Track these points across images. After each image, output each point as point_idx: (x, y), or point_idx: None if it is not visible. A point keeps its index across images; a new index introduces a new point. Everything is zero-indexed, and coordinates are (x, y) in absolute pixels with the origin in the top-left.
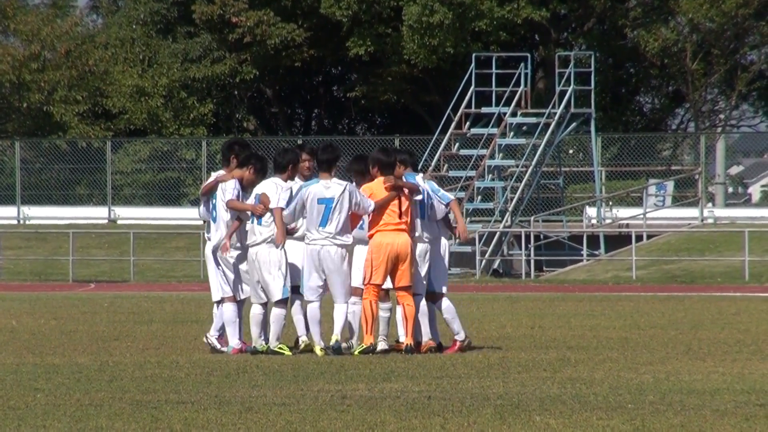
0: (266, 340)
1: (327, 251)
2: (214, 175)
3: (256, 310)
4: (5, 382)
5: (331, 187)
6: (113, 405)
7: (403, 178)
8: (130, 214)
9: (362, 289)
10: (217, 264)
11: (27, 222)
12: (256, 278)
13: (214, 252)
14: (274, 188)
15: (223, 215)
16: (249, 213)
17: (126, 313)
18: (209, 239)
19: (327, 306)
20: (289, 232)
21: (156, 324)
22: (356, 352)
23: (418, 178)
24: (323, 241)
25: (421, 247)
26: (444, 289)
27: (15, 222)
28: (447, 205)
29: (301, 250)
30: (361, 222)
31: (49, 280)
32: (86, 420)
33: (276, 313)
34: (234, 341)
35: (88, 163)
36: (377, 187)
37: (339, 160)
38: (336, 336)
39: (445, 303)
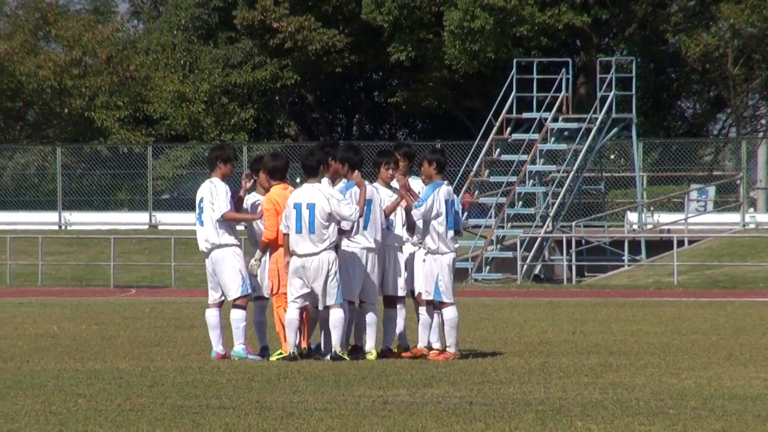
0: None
1: (370, 253)
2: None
3: (292, 315)
4: (47, 388)
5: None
6: (154, 410)
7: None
8: (171, 220)
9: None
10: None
11: (68, 227)
12: (304, 286)
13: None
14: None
15: (211, 216)
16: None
17: (167, 318)
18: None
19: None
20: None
21: (197, 329)
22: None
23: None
24: (371, 244)
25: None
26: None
27: (56, 227)
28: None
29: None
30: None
31: (91, 285)
32: (127, 425)
33: (338, 317)
34: (219, 347)
35: (129, 168)
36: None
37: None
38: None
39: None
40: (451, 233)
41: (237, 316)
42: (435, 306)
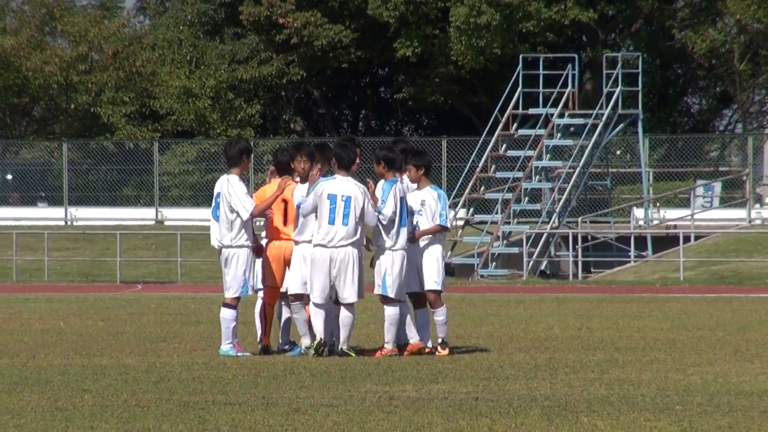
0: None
1: None
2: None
3: (317, 307)
4: (53, 383)
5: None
6: (160, 406)
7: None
8: (177, 215)
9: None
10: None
11: (74, 223)
12: (328, 278)
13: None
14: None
15: (228, 215)
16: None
17: (173, 314)
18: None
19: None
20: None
21: (203, 325)
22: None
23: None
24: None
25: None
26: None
27: (62, 223)
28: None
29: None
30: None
31: (97, 281)
32: (133, 421)
33: (348, 315)
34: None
35: (136, 164)
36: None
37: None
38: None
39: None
40: (404, 230)
41: (227, 316)
42: (381, 300)
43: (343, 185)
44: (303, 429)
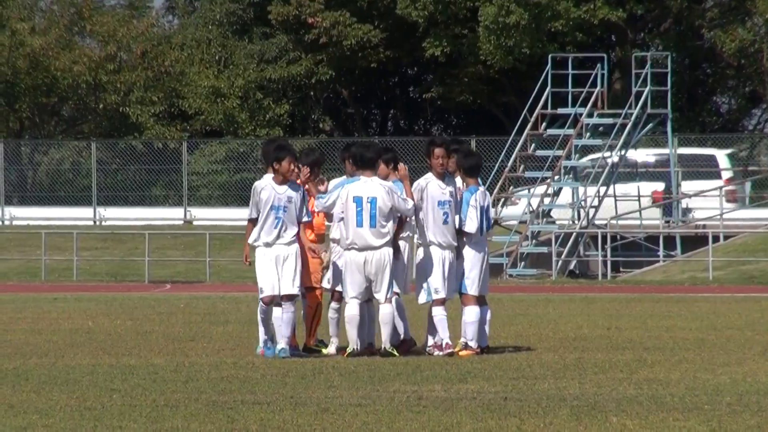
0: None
1: None
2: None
3: (353, 311)
4: (82, 383)
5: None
6: (189, 406)
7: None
8: (206, 215)
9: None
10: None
11: (103, 223)
12: (364, 279)
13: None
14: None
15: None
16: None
17: (202, 313)
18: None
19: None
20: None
21: (232, 325)
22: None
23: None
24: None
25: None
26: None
27: (91, 223)
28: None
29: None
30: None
31: (125, 280)
32: (162, 421)
33: (387, 313)
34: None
35: (164, 164)
36: None
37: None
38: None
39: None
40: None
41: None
42: None
43: (367, 187)
44: (332, 429)
